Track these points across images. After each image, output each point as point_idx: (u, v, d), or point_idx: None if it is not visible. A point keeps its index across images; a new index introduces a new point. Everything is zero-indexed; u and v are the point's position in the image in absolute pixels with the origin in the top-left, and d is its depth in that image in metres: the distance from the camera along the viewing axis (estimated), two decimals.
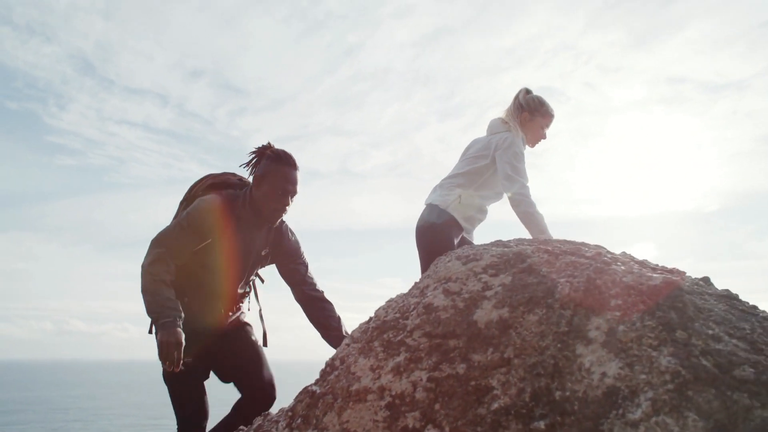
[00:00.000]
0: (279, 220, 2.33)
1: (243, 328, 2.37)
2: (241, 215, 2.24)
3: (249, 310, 2.42)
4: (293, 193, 2.32)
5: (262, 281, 2.51)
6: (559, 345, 1.11)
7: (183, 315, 2.01)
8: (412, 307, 1.35)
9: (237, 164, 2.40)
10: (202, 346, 2.20)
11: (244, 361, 2.27)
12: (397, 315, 1.37)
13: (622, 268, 1.23)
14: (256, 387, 2.21)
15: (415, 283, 1.47)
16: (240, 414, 2.19)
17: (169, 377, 2.20)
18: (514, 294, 1.21)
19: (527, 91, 3.08)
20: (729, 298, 1.39)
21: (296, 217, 2.29)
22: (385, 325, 1.35)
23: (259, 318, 2.42)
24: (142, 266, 2.07)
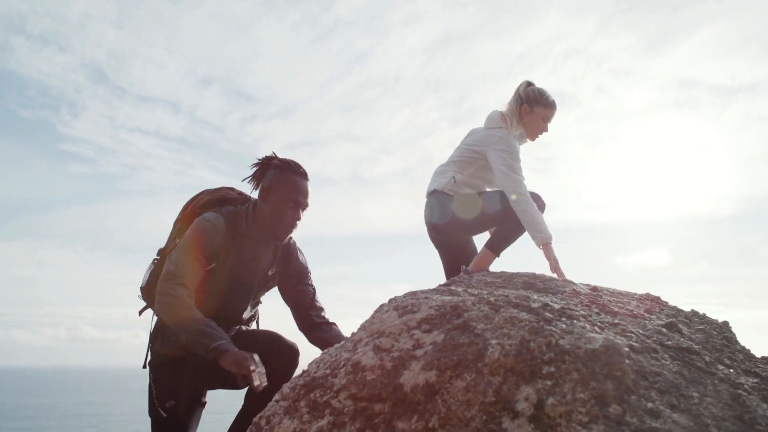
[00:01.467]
0: (288, 237, 2.16)
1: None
2: (245, 233, 2.08)
3: None
4: (304, 206, 2.14)
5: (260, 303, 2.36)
6: (484, 417, 1.01)
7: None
8: (342, 363, 1.25)
9: (249, 171, 2.21)
10: (218, 378, 2.06)
11: (261, 339, 2.15)
12: (327, 371, 1.27)
13: (563, 326, 1.12)
14: (282, 349, 2.08)
15: (352, 334, 1.37)
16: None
17: (158, 417, 2.09)
18: (443, 355, 1.11)
19: (528, 84, 3.04)
20: (689, 352, 1.28)
21: (308, 222, 2.12)
22: (314, 383, 1.26)
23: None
24: (163, 303, 1.90)
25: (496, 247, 2.72)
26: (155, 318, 2.15)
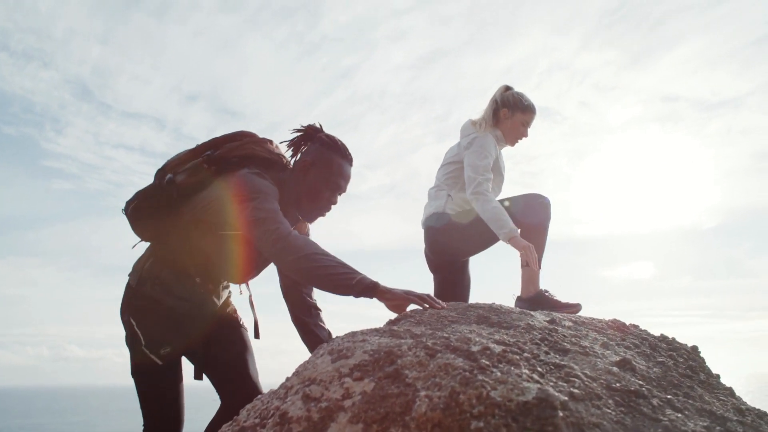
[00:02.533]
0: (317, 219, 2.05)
1: (239, 328, 2.16)
2: (282, 207, 1.95)
3: (241, 293, 2.17)
4: (343, 191, 2.04)
5: None
6: None
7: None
8: (272, 413, 1.18)
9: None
10: (201, 333, 1.99)
11: (231, 366, 2.04)
12: (257, 421, 1.20)
13: (498, 374, 1.06)
14: (237, 396, 1.98)
15: (286, 379, 1.31)
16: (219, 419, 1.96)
17: (145, 372, 1.93)
18: (371, 407, 1.05)
19: (507, 88, 3.00)
20: (637, 396, 1.22)
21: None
22: None
23: (249, 305, 2.17)
24: (291, 235, 1.69)
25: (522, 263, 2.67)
26: (151, 259, 1.99)
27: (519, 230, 2.63)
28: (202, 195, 1.95)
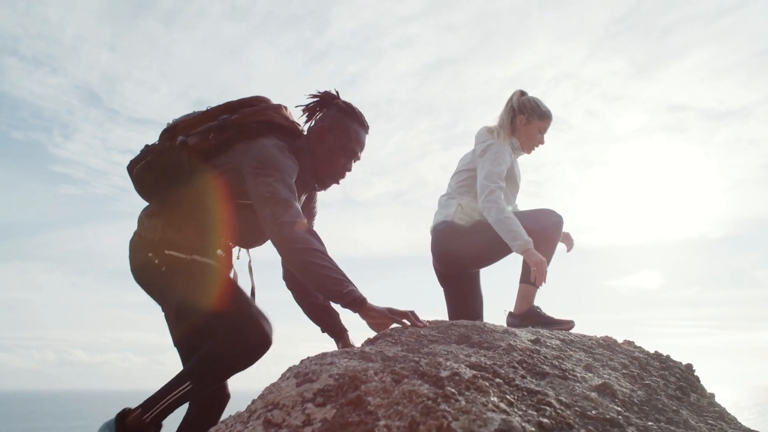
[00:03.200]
0: (331, 186, 2.05)
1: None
2: (300, 174, 1.96)
3: (238, 258, 2.12)
4: (358, 159, 2.03)
5: None
6: None
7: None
8: None
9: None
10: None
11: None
12: None
13: (462, 403, 1.02)
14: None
15: (252, 402, 1.27)
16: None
17: (192, 338, 1.88)
18: None
19: (522, 93, 2.91)
20: (612, 425, 1.17)
21: None
22: None
23: (248, 271, 2.14)
24: (298, 224, 1.69)
25: (527, 278, 2.60)
26: (166, 222, 1.89)
27: (530, 244, 2.53)
28: (218, 160, 1.92)
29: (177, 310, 1.87)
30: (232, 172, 1.88)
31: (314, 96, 2.05)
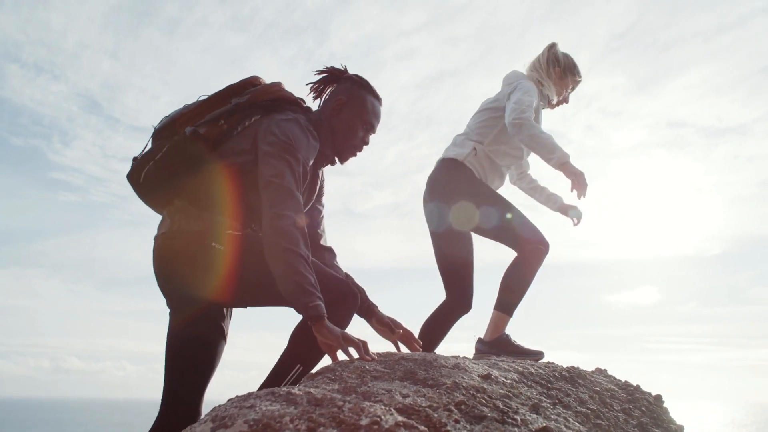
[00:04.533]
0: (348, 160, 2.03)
1: None
2: (320, 148, 1.94)
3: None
4: (374, 132, 2.03)
5: None
6: None
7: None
8: None
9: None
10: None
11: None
12: None
13: None
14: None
15: None
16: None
17: (189, 328, 1.85)
18: None
19: (557, 46, 2.84)
20: None
21: None
22: None
23: None
24: (294, 223, 1.67)
25: (506, 308, 2.56)
26: (194, 214, 1.82)
27: (568, 157, 2.46)
28: (233, 144, 1.87)
29: (246, 285, 1.82)
30: (248, 149, 1.84)
31: (322, 72, 2.03)
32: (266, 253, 1.69)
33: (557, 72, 2.77)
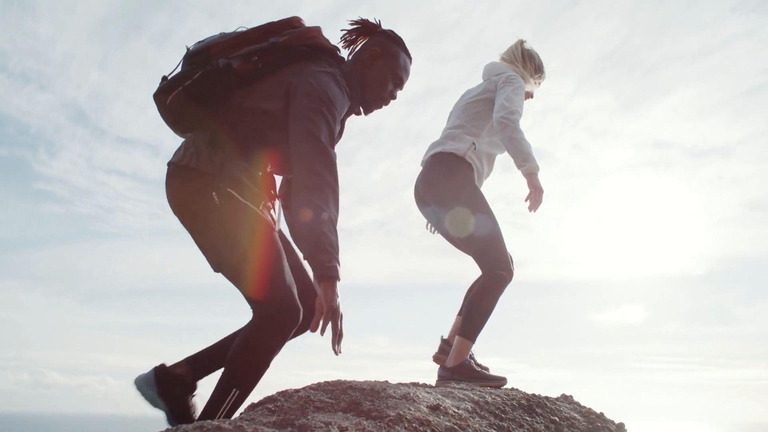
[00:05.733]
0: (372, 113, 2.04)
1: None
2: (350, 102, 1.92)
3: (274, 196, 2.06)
4: (402, 89, 2.04)
5: None
6: None
7: None
8: None
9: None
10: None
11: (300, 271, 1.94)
12: None
13: None
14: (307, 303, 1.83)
15: None
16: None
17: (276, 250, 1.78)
18: None
19: (527, 42, 2.96)
20: None
21: None
22: None
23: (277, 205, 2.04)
24: (326, 182, 1.65)
25: (469, 335, 2.53)
26: (215, 144, 1.78)
27: (538, 170, 2.55)
28: (262, 84, 1.83)
29: (217, 258, 1.78)
30: (279, 96, 1.80)
31: (356, 23, 2.03)
32: (293, 205, 1.68)
33: (532, 67, 2.86)
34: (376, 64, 1.97)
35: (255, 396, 1.72)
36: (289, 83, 1.78)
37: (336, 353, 1.66)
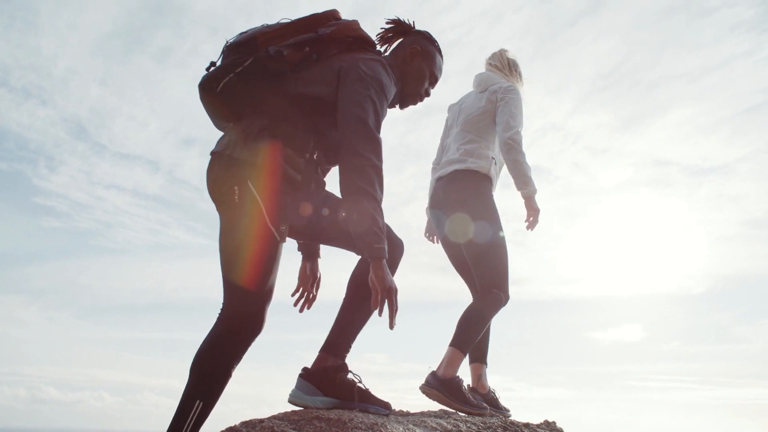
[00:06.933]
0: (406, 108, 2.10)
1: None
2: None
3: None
4: (434, 87, 2.13)
5: None
6: None
7: None
8: None
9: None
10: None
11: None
12: None
13: None
14: None
15: None
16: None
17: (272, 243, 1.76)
18: None
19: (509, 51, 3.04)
20: None
21: (279, 287, 1.88)
22: None
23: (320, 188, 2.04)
24: (372, 165, 1.70)
25: (462, 346, 2.52)
26: (264, 131, 1.78)
27: (536, 193, 2.69)
28: (310, 73, 1.85)
29: (222, 248, 1.78)
30: (329, 81, 1.82)
31: (392, 22, 2.08)
32: (341, 188, 1.72)
33: (517, 75, 2.93)
34: (415, 61, 2.03)
35: (218, 426, 1.70)
36: (339, 68, 1.82)
37: (391, 327, 1.70)
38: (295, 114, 1.81)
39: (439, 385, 2.42)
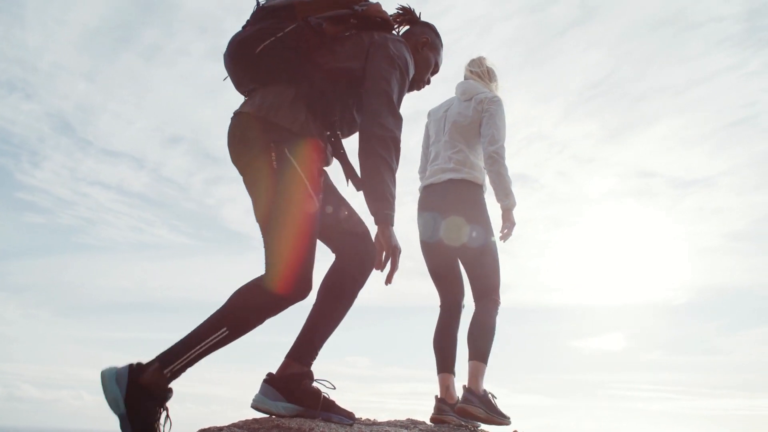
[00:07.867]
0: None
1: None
2: None
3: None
4: (434, 75, 2.21)
5: None
6: None
7: None
8: None
9: (209, 233, 1.98)
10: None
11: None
12: None
13: None
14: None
15: None
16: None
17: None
18: None
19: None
20: None
21: None
22: None
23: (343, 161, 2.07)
24: (393, 137, 1.79)
25: (482, 357, 2.55)
26: (297, 99, 1.79)
27: (514, 206, 2.77)
28: (348, 45, 1.88)
29: (257, 213, 1.80)
30: (359, 56, 1.86)
31: (403, 9, 2.14)
32: (360, 153, 1.79)
33: (495, 83, 2.98)
34: (424, 51, 2.11)
35: (187, 428, 1.65)
36: (369, 44, 1.88)
37: (387, 284, 1.81)
38: (327, 87, 1.83)
39: (479, 401, 2.42)
